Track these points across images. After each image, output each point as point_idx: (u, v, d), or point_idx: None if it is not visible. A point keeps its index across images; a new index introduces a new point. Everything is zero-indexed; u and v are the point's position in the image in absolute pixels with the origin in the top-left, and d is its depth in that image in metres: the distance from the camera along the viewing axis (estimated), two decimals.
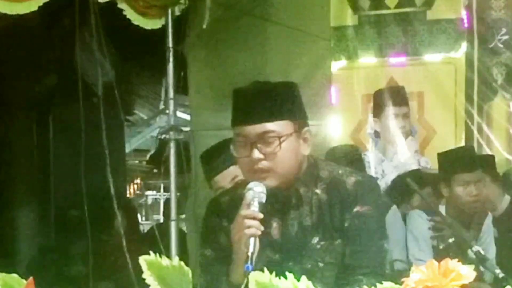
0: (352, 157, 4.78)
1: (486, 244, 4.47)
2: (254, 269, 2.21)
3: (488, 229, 4.59)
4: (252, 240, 2.31)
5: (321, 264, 2.47)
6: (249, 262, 2.27)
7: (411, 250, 4.52)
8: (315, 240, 2.48)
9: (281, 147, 2.41)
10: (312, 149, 2.58)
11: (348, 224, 2.47)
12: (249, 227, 2.33)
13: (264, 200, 2.38)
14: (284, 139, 2.42)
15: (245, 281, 2.18)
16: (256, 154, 2.41)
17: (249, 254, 2.29)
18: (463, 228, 4.31)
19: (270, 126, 2.41)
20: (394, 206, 4.77)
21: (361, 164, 4.84)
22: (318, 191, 2.51)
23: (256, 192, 2.38)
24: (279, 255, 2.49)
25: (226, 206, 2.57)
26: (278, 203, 2.49)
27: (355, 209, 2.47)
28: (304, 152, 2.50)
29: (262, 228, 2.35)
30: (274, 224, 2.50)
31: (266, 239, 2.44)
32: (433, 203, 4.51)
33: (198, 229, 3.01)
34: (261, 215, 2.35)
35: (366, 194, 2.50)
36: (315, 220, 2.48)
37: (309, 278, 2.37)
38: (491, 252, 4.47)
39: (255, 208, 2.36)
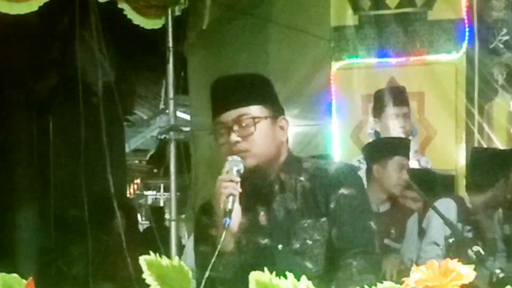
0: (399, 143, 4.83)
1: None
2: (244, 256, 2.47)
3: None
4: (230, 198, 2.43)
5: (309, 242, 2.54)
6: (227, 216, 2.41)
7: (430, 232, 4.50)
8: (302, 221, 2.56)
9: (256, 127, 2.52)
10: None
11: (334, 205, 2.54)
12: (226, 187, 2.45)
13: (242, 169, 2.49)
14: (258, 120, 2.53)
15: (224, 234, 2.38)
16: (233, 137, 2.53)
17: (227, 210, 2.42)
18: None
19: (244, 110, 2.54)
20: (415, 214, 4.77)
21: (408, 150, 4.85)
22: (302, 178, 2.60)
23: (234, 161, 2.49)
24: (268, 239, 2.57)
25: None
26: (263, 192, 2.59)
27: (339, 191, 2.55)
28: (281, 138, 2.61)
29: (240, 190, 2.46)
30: (261, 212, 2.59)
31: (254, 227, 2.56)
32: (431, 202, 4.52)
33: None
34: (238, 179, 2.47)
35: (349, 178, 2.60)
36: (300, 204, 2.58)
37: (299, 258, 2.51)
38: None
39: (232, 174, 2.48)
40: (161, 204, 14.68)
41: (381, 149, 4.76)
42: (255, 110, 2.55)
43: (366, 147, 4.96)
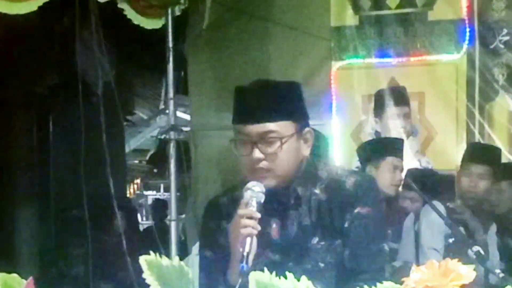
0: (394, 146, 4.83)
1: (493, 247, 4.49)
2: (252, 270, 2.14)
3: (492, 238, 4.60)
4: (248, 239, 2.29)
5: (321, 264, 2.45)
6: (244, 261, 2.25)
7: (424, 239, 4.51)
8: (315, 240, 2.46)
9: (282, 148, 2.39)
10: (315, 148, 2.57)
11: (348, 225, 2.44)
12: (246, 226, 2.31)
13: (262, 200, 2.37)
14: (285, 140, 2.39)
15: (239, 281, 2.21)
16: (257, 154, 2.39)
17: (245, 253, 2.27)
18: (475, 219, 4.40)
19: (272, 126, 2.39)
20: (411, 214, 4.77)
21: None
22: (317, 191, 2.48)
23: (255, 192, 2.36)
24: (279, 256, 2.47)
25: (225, 207, 2.55)
26: (276, 204, 2.47)
27: (355, 210, 2.44)
28: (304, 153, 2.48)
29: (259, 227, 2.32)
30: (274, 225, 2.48)
31: (265, 240, 2.42)
32: (431, 202, 4.52)
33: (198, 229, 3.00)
34: (258, 215, 2.33)
35: (366, 195, 2.47)
36: (315, 220, 2.46)
37: (309, 279, 2.39)
38: (496, 257, 4.47)
39: (253, 207, 2.34)
40: None
41: (374, 150, 4.75)
42: (283, 127, 2.39)
43: (360, 148, 4.96)
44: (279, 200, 2.48)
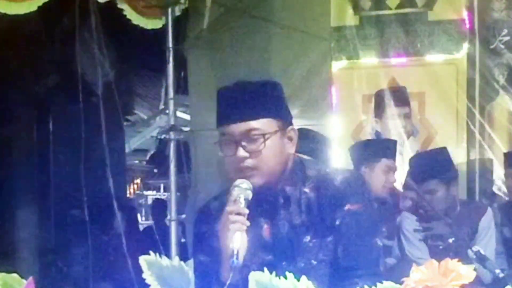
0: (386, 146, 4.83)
1: (485, 241, 4.48)
2: (246, 270, 2.20)
3: (487, 225, 4.59)
4: (237, 234, 2.32)
5: (314, 262, 2.47)
6: (234, 257, 2.28)
7: (407, 247, 4.55)
8: (307, 238, 2.48)
9: (265, 144, 2.42)
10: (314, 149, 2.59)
11: (340, 222, 2.46)
12: (234, 222, 2.34)
13: (250, 197, 2.39)
14: (268, 136, 2.43)
15: (231, 275, 2.25)
16: (241, 152, 2.42)
17: (234, 249, 2.30)
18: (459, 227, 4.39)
19: (253, 124, 2.43)
20: (402, 213, 4.77)
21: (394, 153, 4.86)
22: (306, 190, 2.51)
23: (242, 189, 2.39)
24: (272, 256, 2.49)
25: (216, 211, 2.56)
26: (266, 203, 2.50)
27: (345, 207, 2.46)
28: (289, 151, 2.51)
29: (248, 223, 2.35)
30: (265, 226, 2.51)
31: (257, 241, 2.46)
32: (428, 201, 4.53)
33: None
34: (246, 211, 2.36)
35: (355, 191, 2.50)
36: (305, 219, 2.49)
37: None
38: (490, 249, 4.46)
39: (240, 204, 2.37)
40: None
41: (369, 152, 4.76)
42: (265, 124, 2.43)
43: (352, 150, 4.96)
44: (268, 199, 2.50)
